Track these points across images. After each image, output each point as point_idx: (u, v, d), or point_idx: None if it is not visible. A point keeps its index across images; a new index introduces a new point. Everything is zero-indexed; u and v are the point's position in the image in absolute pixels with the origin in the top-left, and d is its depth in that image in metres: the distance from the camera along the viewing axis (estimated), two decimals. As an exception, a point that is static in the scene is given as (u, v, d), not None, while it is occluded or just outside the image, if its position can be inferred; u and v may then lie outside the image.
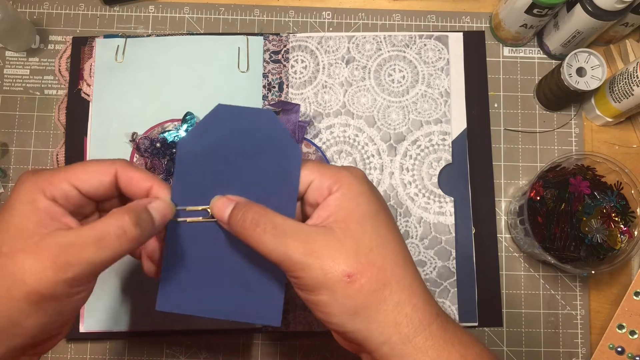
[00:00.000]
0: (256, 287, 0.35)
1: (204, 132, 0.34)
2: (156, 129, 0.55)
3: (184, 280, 0.35)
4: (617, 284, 0.56)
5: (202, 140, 0.34)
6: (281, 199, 0.34)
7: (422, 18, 0.61)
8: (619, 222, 0.52)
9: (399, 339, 0.29)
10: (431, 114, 0.57)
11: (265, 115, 0.34)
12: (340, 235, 0.30)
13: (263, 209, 0.32)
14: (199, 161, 0.34)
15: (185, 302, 0.35)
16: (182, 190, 0.34)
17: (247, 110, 0.34)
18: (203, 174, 0.34)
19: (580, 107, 0.59)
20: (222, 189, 0.34)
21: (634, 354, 0.52)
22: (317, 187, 0.33)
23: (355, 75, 0.58)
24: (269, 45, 0.58)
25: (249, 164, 0.34)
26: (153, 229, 0.32)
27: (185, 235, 0.34)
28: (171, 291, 0.35)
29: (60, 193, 0.31)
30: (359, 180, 0.33)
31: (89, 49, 0.57)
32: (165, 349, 0.54)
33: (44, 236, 0.29)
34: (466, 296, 0.54)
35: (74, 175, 0.32)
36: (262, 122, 0.34)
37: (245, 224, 0.31)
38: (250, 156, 0.34)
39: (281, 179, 0.34)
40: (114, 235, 0.30)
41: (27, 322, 0.29)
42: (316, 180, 0.33)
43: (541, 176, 0.52)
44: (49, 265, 0.28)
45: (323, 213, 0.32)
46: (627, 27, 0.56)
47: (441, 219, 0.55)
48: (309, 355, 0.54)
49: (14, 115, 0.57)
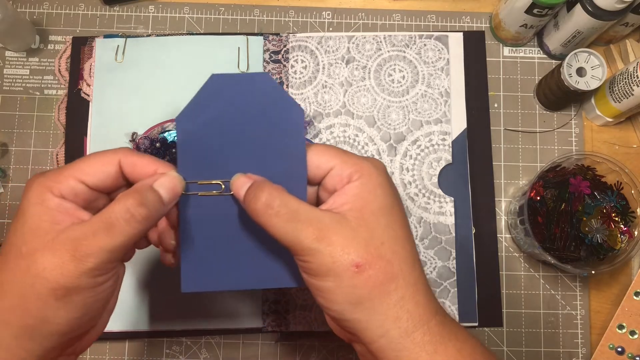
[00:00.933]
0: (272, 253, 0.34)
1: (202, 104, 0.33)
2: (156, 129, 0.55)
3: (204, 257, 0.34)
4: (617, 284, 0.56)
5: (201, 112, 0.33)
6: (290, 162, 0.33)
7: (422, 18, 0.61)
8: (619, 222, 0.52)
9: (398, 333, 0.30)
10: (431, 114, 0.57)
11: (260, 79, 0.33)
12: (354, 224, 0.30)
13: (277, 190, 0.31)
14: (200, 135, 0.33)
15: (208, 279, 0.35)
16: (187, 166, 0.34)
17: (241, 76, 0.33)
18: (206, 148, 0.34)
19: (580, 107, 0.59)
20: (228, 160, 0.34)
21: (634, 354, 0.52)
22: (337, 174, 0.33)
23: (355, 75, 0.58)
24: (269, 45, 0.58)
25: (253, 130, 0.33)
26: (162, 206, 0.32)
27: (200, 211, 0.34)
28: (194, 270, 0.34)
29: (68, 189, 0.31)
30: (380, 172, 0.33)
31: (89, 49, 0.57)
32: (165, 349, 0.54)
33: (58, 232, 0.30)
34: (466, 296, 0.54)
35: (79, 170, 0.32)
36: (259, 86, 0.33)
37: (257, 204, 0.31)
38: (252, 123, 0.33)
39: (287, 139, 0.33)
40: (122, 219, 0.30)
41: (56, 319, 0.30)
42: (337, 167, 0.33)
43: (541, 176, 0.52)
44: (68, 259, 0.29)
45: (339, 200, 0.32)
46: (627, 27, 0.56)
47: (441, 219, 0.55)
48: (309, 355, 0.54)
49: (14, 115, 0.57)
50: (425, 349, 0.30)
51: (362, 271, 0.30)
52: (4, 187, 0.56)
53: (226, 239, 0.34)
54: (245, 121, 0.33)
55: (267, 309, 0.53)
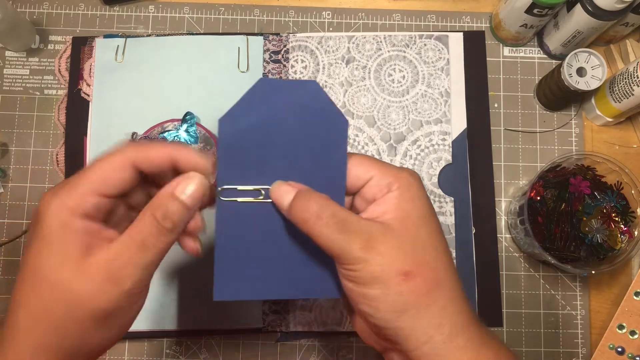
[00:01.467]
0: (310, 263, 0.34)
1: (246, 108, 0.33)
2: (156, 129, 0.55)
3: (239, 265, 0.34)
4: (617, 284, 0.56)
5: (245, 116, 0.33)
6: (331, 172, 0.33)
7: (422, 18, 0.61)
8: (619, 222, 0.52)
9: (441, 339, 0.30)
10: (431, 114, 0.57)
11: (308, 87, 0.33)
12: (399, 234, 0.31)
13: (325, 200, 0.32)
14: (242, 139, 0.33)
15: (243, 288, 0.34)
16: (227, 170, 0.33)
17: (290, 83, 0.33)
18: (247, 152, 0.33)
19: (580, 107, 0.59)
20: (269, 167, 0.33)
21: (634, 354, 0.52)
22: (376, 184, 0.33)
23: (355, 75, 0.58)
24: (269, 45, 0.58)
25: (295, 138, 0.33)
26: (187, 212, 0.31)
27: (236, 218, 0.33)
28: (228, 278, 0.33)
29: (91, 207, 0.31)
30: (417, 183, 0.33)
31: (89, 49, 0.57)
32: (165, 349, 0.54)
33: (89, 257, 0.30)
34: (466, 296, 0.54)
35: (96, 183, 0.31)
36: (307, 93, 0.33)
37: (306, 214, 0.31)
38: (296, 130, 0.33)
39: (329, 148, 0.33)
40: (150, 235, 0.30)
41: (95, 339, 0.30)
42: (376, 176, 0.33)
43: (541, 176, 0.52)
44: (104, 283, 0.29)
45: (379, 209, 0.32)
46: (627, 27, 0.56)
47: (441, 219, 0.55)
48: (309, 355, 0.54)
49: (14, 115, 0.57)
50: (467, 355, 0.30)
51: (410, 279, 0.30)
52: (4, 187, 0.56)
53: (262, 246, 0.34)
54: (289, 128, 0.33)
55: (267, 309, 0.53)
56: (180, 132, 0.55)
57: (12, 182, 0.56)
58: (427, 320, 0.30)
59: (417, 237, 0.31)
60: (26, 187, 0.56)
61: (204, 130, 0.55)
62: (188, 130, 0.55)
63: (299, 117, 0.33)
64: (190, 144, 0.55)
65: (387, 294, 0.30)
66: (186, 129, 0.55)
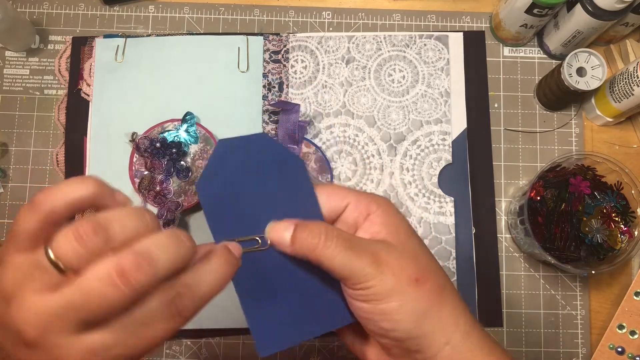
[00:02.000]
0: (321, 296, 0.35)
1: (215, 168, 0.35)
2: (156, 129, 0.55)
3: (267, 316, 0.35)
4: (617, 284, 0.56)
5: (217, 176, 0.35)
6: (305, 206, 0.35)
7: (422, 18, 0.61)
8: (619, 222, 0.51)
9: (460, 337, 0.31)
10: (431, 114, 0.57)
11: (260, 139, 0.36)
12: (398, 247, 0.32)
13: (325, 225, 0.33)
14: (221, 197, 0.35)
15: (280, 336, 0.35)
16: (219, 228, 0.35)
17: (242, 139, 0.35)
18: (230, 208, 0.35)
19: (580, 107, 0.59)
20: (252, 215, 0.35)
21: (634, 354, 0.52)
22: (355, 208, 0.34)
23: (355, 75, 0.58)
24: (269, 45, 0.58)
25: (265, 184, 0.35)
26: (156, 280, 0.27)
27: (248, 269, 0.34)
28: (264, 332, 0.35)
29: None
30: (390, 202, 0.35)
31: (89, 49, 0.57)
32: (165, 349, 0.54)
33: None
34: (466, 296, 0.54)
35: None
36: (260, 145, 0.35)
37: (314, 240, 0.32)
38: (263, 177, 0.35)
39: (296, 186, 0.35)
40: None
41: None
42: (353, 203, 0.34)
43: (541, 176, 0.52)
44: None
45: (370, 229, 0.33)
46: (627, 27, 0.56)
47: (441, 219, 0.55)
48: (309, 355, 0.54)
49: (14, 115, 0.57)
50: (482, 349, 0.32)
51: (421, 284, 0.31)
52: (4, 187, 0.56)
53: (279, 291, 0.35)
54: (257, 178, 0.35)
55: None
56: (180, 132, 0.55)
57: (12, 182, 0.56)
58: (444, 321, 0.31)
59: (413, 248, 0.33)
60: (26, 187, 0.56)
61: (204, 130, 0.55)
62: (188, 130, 0.55)
63: (262, 166, 0.35)
64: (190, 143, 0.55)
65: (406, 302, 0.31)
66: (186, 129, 0.55)
